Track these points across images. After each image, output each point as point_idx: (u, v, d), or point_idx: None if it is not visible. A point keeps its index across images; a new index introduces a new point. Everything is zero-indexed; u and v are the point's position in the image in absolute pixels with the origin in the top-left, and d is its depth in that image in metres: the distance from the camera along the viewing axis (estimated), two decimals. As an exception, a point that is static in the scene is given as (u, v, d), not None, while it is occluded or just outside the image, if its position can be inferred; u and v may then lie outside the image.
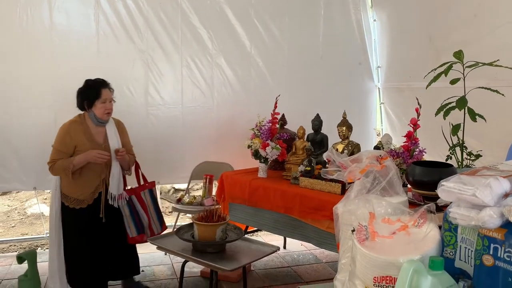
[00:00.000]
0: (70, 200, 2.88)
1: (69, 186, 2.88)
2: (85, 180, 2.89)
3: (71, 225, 2.91)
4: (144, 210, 3.13)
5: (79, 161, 2.84)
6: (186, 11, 4.02)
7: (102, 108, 2.89)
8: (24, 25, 3.62)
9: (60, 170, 2.83)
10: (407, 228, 1.20)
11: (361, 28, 4.61)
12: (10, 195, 6.04)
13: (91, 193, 2.89)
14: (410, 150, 2.78)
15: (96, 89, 2.89)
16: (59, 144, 2.87)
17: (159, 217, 3.25)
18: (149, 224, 3.15)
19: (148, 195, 3.20)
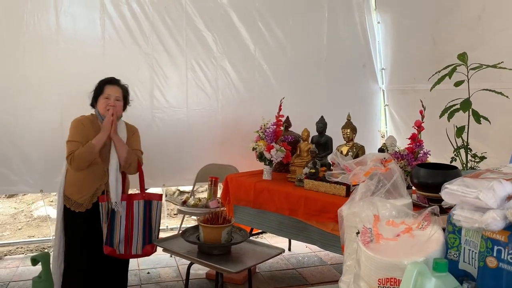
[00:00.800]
0: (71, 202, 2.72)
1: (70, 188, 2.73)
2: (85, 182, 2.71)
3: (71, 228, 2.75)
4: (126, 223, 2.71)
5: (99, 139, 2.65)
6: (190, 15, 4.05)
7: (104, 103, 2.74)
8: (31, 29, 3.66)
9: (83, 159, 2.61)
10: (411, 230, 1.21)
11: (365, 30, 4.63)
12: (17, 198, 6.09)
13: (89, 197, 2.71)
14: (414, 152, 2.79)
15: (100, 85, 2.81)
16: (73, 135, 2.70)
17: (145, 236, 2.74)
18: (128, 241, 2.70)
19: (143, 207, 2.76)
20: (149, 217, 2.78)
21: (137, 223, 2.74)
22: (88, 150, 2.63)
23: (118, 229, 2.68)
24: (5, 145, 3.69)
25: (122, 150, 2.72)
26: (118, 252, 2.68)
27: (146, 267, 3.70)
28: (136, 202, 2.74)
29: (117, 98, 2.78)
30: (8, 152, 3.71)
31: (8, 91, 3.64)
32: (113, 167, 2.69)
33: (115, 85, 2.81)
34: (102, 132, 2.67)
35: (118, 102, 2.78)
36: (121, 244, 2.69)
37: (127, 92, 2.91)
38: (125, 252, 2.70)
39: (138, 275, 3.57)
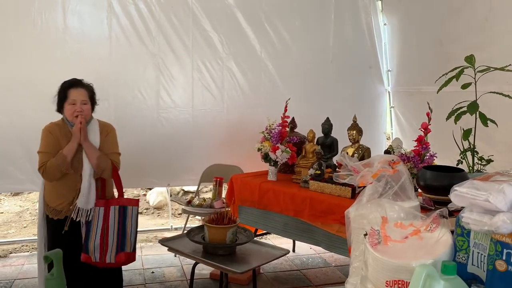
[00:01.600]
0: (50, 209, 2.64)
1: (49, 195, 2.65)
2: (62, 189, 2.62)
3: (52, 236, 2.65)
4: (102, 230, 2.59)
5: (70, 149, 2.56)
6: (197, 15, 4.05)
7: (71, 109, 2.59)
8: (38, 28, 3.68)
9: (55, 169, 2.53)
10: (420, 232, 1.20)
11: (371, 32, 4.62)
12: (22, 196, 6.12)
13: (67, 204, 2.60)
14: (421, 155, 2.78)
15: (64, 90, 2.64)
16: (43, 146, 2.62)
17: (118, 243, 2.61)
18: (103, 248, 2.59)
19: (118, 213, 2.63)
20: (123, 223, 2.65)
21: (112, 230, 2.62)
22: (60, 161, 2.53)
23: (93, 236, 2.58)
24: (12, 144, 3.70)
25: (93, 157, 2.59)
26: (94, 260, 2.58)
27: (151, 267, 3.71)
28: (112, 208, 2.63)
29: (83, 101, 2.62)
30: (15, 151, 3.72)
31: (16, 90, 3.65)
32: (86, 173, 2.58)
33: (79, 87, 2.64)
34: (72, 141, 2.58)
35: (85, 106, 2.62)
36: (96, 252, 2.58)
37: (93, 92, 2.74)
38: (100, 260, 2.59)
39: (142, 274, 3.58)
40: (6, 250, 4.08)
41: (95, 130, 2.68)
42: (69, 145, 2.57)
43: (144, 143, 3.82)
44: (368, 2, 4.59)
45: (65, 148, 2.57)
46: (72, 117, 2.59)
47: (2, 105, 3.64)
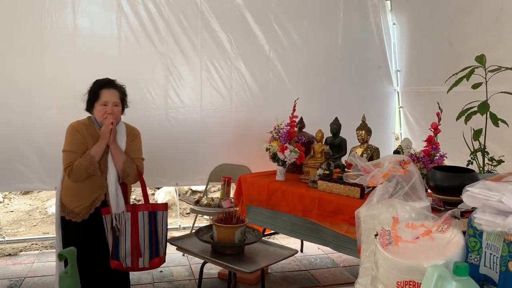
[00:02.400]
0: (67, 211, 2.57)
1: (67, 196, 2.58)
2: (83, 191, 2.56)
3: (68, 238, 2.58)
4: (132, 236, 2.57)
5: (97, 150, 2.51)
6: (206, 15, 4.07)
7: (101, 111, 2.54)
8: (48, 28, 3.71)
9: (82, 170, 2.48)
10: (431, 233, 1.20)
11: (380, 31, 4.60)
12: (32, 195, 6.16)
13: (87, 206, 2.55)
14: (430, 155, 2.76)
15: (96, 90, 2.58)
16: (70, 145, 2.55)
17: (151, 249, 2.62)
18: (134, 253, 2.58)
19: (148, 218, 2.61)
20: (155, 229, 2.63)
21: (142, 236, 2.60)
22: (87, 162, 2.48)
23: (123, 242, 2.55)
24: (22, 143, 3.74)
25: (119, 160, 2.55)
26: (125, 265, 2.58)
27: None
28: (141, 213, 2.60)
29: (115, 103, 2.58)
30: (25, 150, 3.76)
31: (26, 90, 3.69)
32: (112, 176, 2.54)
33: (111, 88, 2.60)
34: (101, 142, 2.53)
35: (116, 108, 2.58)
36: (127, 257, 2.57)
37: (125, 93, 2.70)
38: (132, 265, 2.59)
39: (151, 273, 3.59)
40: (16, 248, 4.12)
41: (122, 133, 2.64)
42: (97, 146, 2.52)
43: (152, 143, 3.80)
44: (377, 1, 4.57)
45: (93, 148, 2.52)
46: (102, 119, 2.54)
47: (13, 104, 3.68)
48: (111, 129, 2.51)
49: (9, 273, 3.55)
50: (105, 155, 2.56)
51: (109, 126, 2.51)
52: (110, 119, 2.52)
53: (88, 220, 2.56)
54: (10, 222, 5.25)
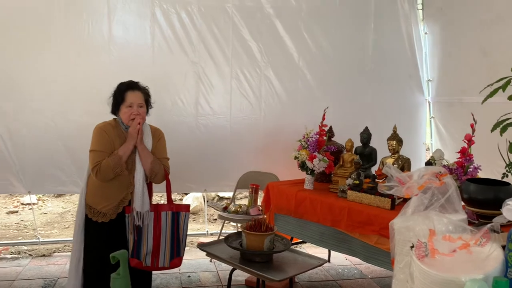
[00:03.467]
0: (93, 212, 2.59)
1: (93, 197, 2.61)
2: (110, 191, 2.59)
3: (92, 240, 2.61)
4: (156, 235, 2.60)
5: (125, 150, 2.56)
6: (237, 25, 4.12)
7: (127, 112, 2.59)
8: (85, 37, 3.83)
9: (109, 170, 2.51)
10: (469, 246, 1.19)
11: (411, 40, 4.56)
12: (64, 198, 6.35)
13: (114, 206, 2.58)
14: (464, 167, 2.71)
15: (121, 92, 2.63)
16: (97, 145, 2.59)
17: (172, 249, 2.65)
18: (155, 253, 2.61)
19: (171, 219, 2.64)
20: (177, 229, 2.67)
21: (164, 235, 2.63)
22: (115, 162, 2.52)
23: (145, 241, 2.59)
24: (58, 147, 3.86)
25: (147, 161, 2.61)
26: (145, 264, 2.60)
27: (187, 271, 3.76)
28: (164, 213, 2.63)
29: (140, 104, 2.63)
30: (60, 154, 3.88)
31: (63, 96, 3.82)
32: (139, 176, 2.59)
33: (136, 90, 2.65)
34: (128, 142, 2.57)
35: (141, 109, 2.64)
36: (148, 257, 2.60)
37: (149, 95, 2.75)
38: (152, 264, 2.61)
39: (179, 278, 3.64)
40: (50, 249, 4.24)
41: (148, 134, 2.70)
42: (125, 146, 2.57)
43: (182, 149, 3.89)
44: (408, 11, 4.53)
45: (120, 148, 2.57)
46: (128, 120, 2.60)
47: (50, 109, 3.81)
48: (138, 129, 2.57)
49: (43, 273, 3.66)
50: (132, 155, 2.61)
51: (136, 127, 2.57)
52: (137, 119, 2.58)
53: (116, 220, 2.59)
54: (44, 223, 5.42)
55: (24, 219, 5.58)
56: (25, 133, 3.80)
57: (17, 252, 4.16)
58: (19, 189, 3.94)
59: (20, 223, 5.44)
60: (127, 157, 2.58)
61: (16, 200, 6.17)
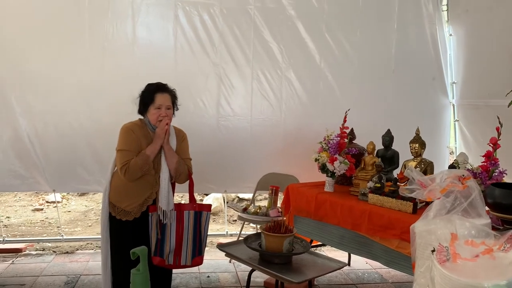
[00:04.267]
0: (117, 210, 2.63)
1: (117, 195, 2.65)
2: (135, 190, 2.63)
3: (117, 238, 2.66)
4: (178, 234, 2.65)
5: (153, 150, 2.61)
6: (259, 26, 4.13)
7: (156, 114, 2.64)
8: (110, 38, 3.91)
9: (137, 169, 2.55)
10: (492, 251, 1.16)
11: (436, 42, 4.48)
12: (87, 196, 6.48)
13: (139, 205, 2.63)
14: (489, 171, 2.65)
15: (150, 93, 2.68)
16: (125, 144, 2.62)
17: (194, 247, 2.70)
18: (177, 251, 2.66)
19: (193, 218, 2.70)
20: (199, 228, 2.72)
21: (186, 234, 2.68)
22: (143, 161, 2.56)
23: (168, 239, 2.63)
24: (82, 147, 3.95)
25: (173, 161, 2.66)
26: (167, 262, 2.64)
27: (206, 271, 3.79)
28: (187, 212, 2.69)
29: (168, 106, 2.68)
30: (84, 153, 3.97)
31: (87, 96, 3.90)
32: (165, 176, 2.64)
33: (165, 92, 2.70)
34: (156, 142, 2.62)
35: (169, 111, 2.69)
36: (170, 255, 2.64)
37: (176, 97, 2.80)
38: (174, 262, 2.66)
39: (198, 278, 3.67)
40: (73, 246, 4.34)
41: (172, 135, 2.75)
42: (152, 146, 2.62)
43: (203, 150, 3.91)
44: (433, 12, 4.46)
45: (148, 148, 2.61)
46: (155, 121, 2.65)
47: (75, 109, 3.90)
48: (166, 130, 2.62)
49: (66, 270, 3.74)
50: (158, 155, 2.66)
51: (164, 128, 2.62)
52: (165, 121, 2.64)
53: (140, 218, 2.63)
54: (68, 221, 5.54)
55: (49, 217, 5.71)
56: (51, 132, 3.90)
57: (41, 249, 4.26)
58: (44, 187, 4.05)
59: (45, 221, 5.58)
60: (154, 157, 2.63)
61: (41, 198, 6.32)
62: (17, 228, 5.25)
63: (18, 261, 3.92)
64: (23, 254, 4.11)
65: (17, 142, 3.87)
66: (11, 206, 6.13)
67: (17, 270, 3.70)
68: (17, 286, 3.39)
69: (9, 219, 5.60)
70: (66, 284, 3.46)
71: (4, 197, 6.31)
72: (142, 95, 2.73)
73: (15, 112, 3.84)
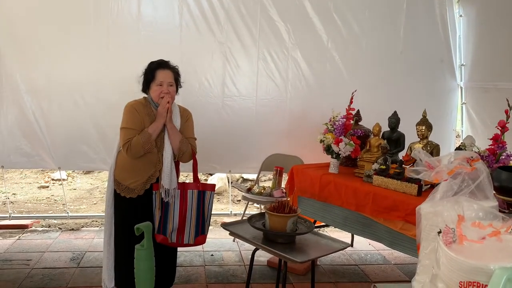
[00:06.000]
0: (122, 187, 2.65)
1: (122, 173, 2.66)
2: (138, 168, 2.64)
3: (121, 215, 2.69)
4: (182, 213, 2.67)
5: (155, 128, 2.61)
6: (265, 4, 4.07)
7: (157, 90, 2.63)
8: (114, 16, 3.87)
9: (139, 147, 2.56)
10: (499, 234, 1.15)
11: (445, 23, 4.40)
12: (92, 175, 6.52)
13: (142, 183, 2.64)
14: (496, 154, 2.63)
15: (152, 70, 2.67)
16: (128, 122, 2.62)
17: (198, 226, 2.72)
18: (181, 230, 2.68)
19: (197, 197, 2.71)
20: (202, 207, 2.73)
21: (190, 213, 2.69)
22: (145, 139, 2.57)
23: (171, 218, 2.65)
24: (88, 125, 3.95)
25: (175, 139, 2.66)
26: (170, 240, 2.67)
27: (210, 249, 3.82)
28: (190, 191, 2.69)
29: (170, 83, 2.67)
30: (90, 131, 3.97)
31: (92, 74, 3.88)
32: (168, 154, 2.64)
33: (166, 68, 2.68)
34: (158, 120, 2.62)
35: (171, 88, 2.67)
36: (173, 233, 2.66)
37: (178, 74, 2.79)
38: (177, 241, 2.68)
39: (202, 256, 3.70)
40: (78, 224, 4.38)
41: (177, 114, 2.75)
42: (155, 124, 2.62)
43: (208, 130, 3.91)
44: (443, -8, 4.37)
45: (150, 126, 2.61)
46: (158, 98, 2.64)
47: (81, 87, 3.89)
48: (167, 108, 2.61)
49: (72, 247, 3.79)
50: (161, 133, 2.66)
51: (166, 106, 2.60)
52: (166, 98, 2.62)
53: (144, 196, 2.65)
54: (73, 199, 5.59)
55: (54, 194, 5.76)
56: (56, 110, 3.90)
57: (47, 226, 4.31)
58: (50, 164, 4.07)
59: (50, 198, 5.63)
60: (156, 135, 2.63)
61: (47, 176, 6.37)
62: (23, 204, 5.31)
63: (25, 237, 3.97)
64: (29, 230, 4.16)
65: (23, 120, 3.88)
66: (17, 183, 6.18)
67: (24, 246, 3.75)
68: (24, 261, 3.44)
69: (15, 196, 5.66)
70: (71, 260, 3.50)
71: (10, 174, 6.36)
72: (144, 73, 2.73)
73: (20, 90, 3.83)
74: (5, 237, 3.96)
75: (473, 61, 4.42)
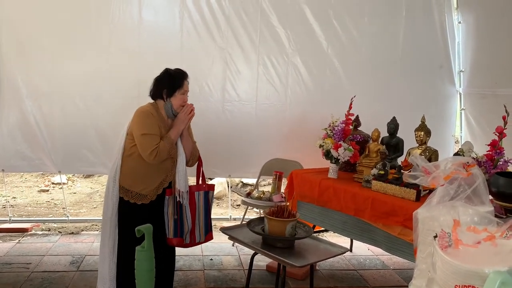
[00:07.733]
0: (131, 194, 2.61)
1: (130, 179, 2.62)
2: (151, 173, 2.63)
3: (129, 223, 2.54)
4: (192, 213, 2.76)
5: (176, 134, 2.66)
6: (266, 11, 4.10)
7: (182, 99, 2.67)
8: (116, 20, 3.90)
9: (165, 153, 2.59)
10: (494, 238, 1.17)
11: (444, 30, 4.43)
12: (92, 179, 6.53)
13: (155, 188, 2.64)
14: (493, 160, 2.64)
15: (179, 79, 2.69)
16: (149, 128, 2.59)
17: (206, 224, 2.85)
18: (192, 230, 2.77)
19: (203, 197, 2.82)
20: (207, 206, 2.84)
21: (198, 213, 2.79)
22: (170, 145, 2.61)
23: (186, 220, 2.73)
24: (88, 129, 3.97)
25: (189, 145, 2.76)
26: (185, 241, 2.76)
27: (210, 254, 3.83)
28: (197, 193, 2.79)
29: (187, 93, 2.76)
30: (90, 136, 3.99)
31: (94, 78, 3.90)
32: (182, 159, 2.70)
33: (188, 78, 2.75)
34: (179, 127, 2.67)
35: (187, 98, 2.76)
36: (188, 234, 2.75)
37: None
38: (191, 240, 2.78)
39: (201, 260, 3.71)
40: (78, 227, 4.39)
41: None
42: (175, 130, 2.67)
43: (208, 134, 3.93)
44: (442, -1, 4.40)
45: (171, 132, 2.66)
46: (179, 106, 2.67)
47: (82, 91, 3.91)
48: (191, 116, 2.71)
49: (72, 250, 3.80)
50: None
51: (191, 113, 2.71)
52: (191, 107, 2.71)
53: (155, 201, 2.65)
54: (73, 203, 5.60)
55: (54, 198, 5.77)
56: (57, 115, 3.93)
57: (47, 229, 4.32)
58: (50, 168, 4.08)
59: (50, 202, 5.64)
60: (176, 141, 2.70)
61: (47, 179, 6.38)
62: (23, 208, 5.32)
63: (24, 241, 3.98)
64: (29, 234, 4.17)
65: (23, 124, 3.90)
66: (17, 187, 6.20)
67: (23, 249, 3.76)
68: (23, 264, 3.45)
69: (15, 200, 5.67)
70: (71, 264, 3.51)
71: (10, 178, 6.37)
72: (168, 79, 2.69)
73: (22, 94, 3.86)
74: (5, 240, 3.97)
75: (472, 67, 4.45)
